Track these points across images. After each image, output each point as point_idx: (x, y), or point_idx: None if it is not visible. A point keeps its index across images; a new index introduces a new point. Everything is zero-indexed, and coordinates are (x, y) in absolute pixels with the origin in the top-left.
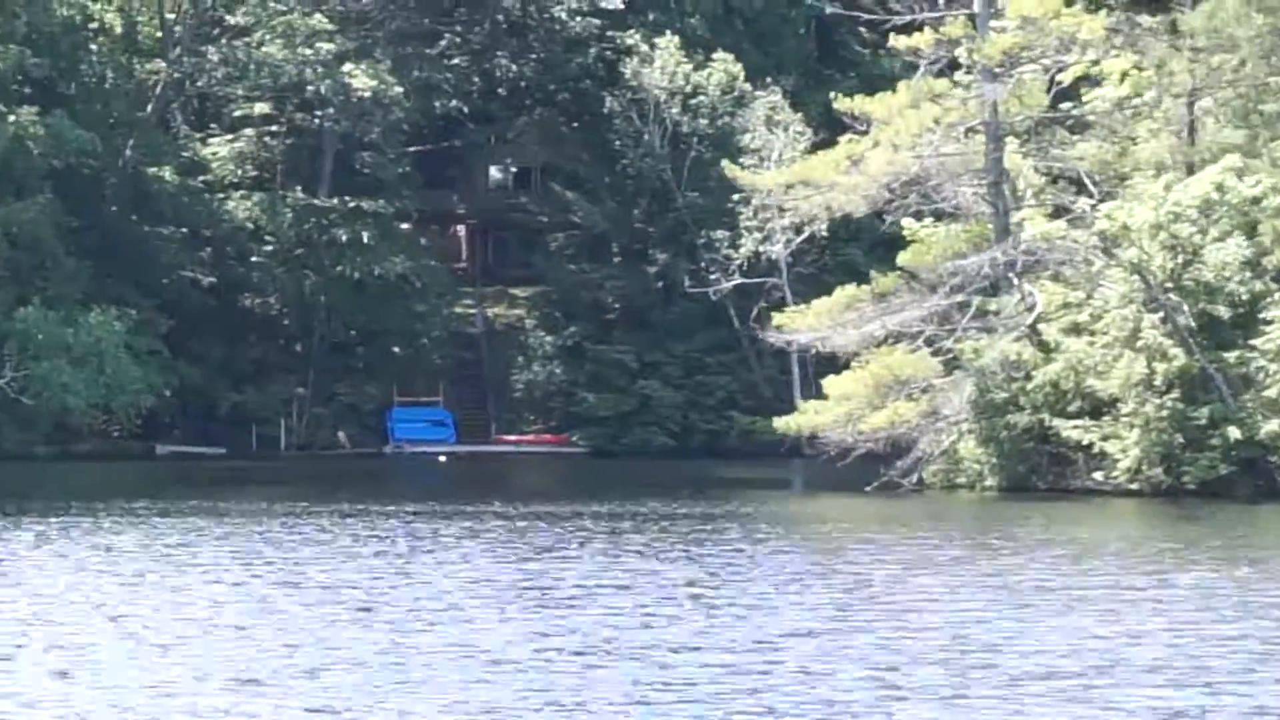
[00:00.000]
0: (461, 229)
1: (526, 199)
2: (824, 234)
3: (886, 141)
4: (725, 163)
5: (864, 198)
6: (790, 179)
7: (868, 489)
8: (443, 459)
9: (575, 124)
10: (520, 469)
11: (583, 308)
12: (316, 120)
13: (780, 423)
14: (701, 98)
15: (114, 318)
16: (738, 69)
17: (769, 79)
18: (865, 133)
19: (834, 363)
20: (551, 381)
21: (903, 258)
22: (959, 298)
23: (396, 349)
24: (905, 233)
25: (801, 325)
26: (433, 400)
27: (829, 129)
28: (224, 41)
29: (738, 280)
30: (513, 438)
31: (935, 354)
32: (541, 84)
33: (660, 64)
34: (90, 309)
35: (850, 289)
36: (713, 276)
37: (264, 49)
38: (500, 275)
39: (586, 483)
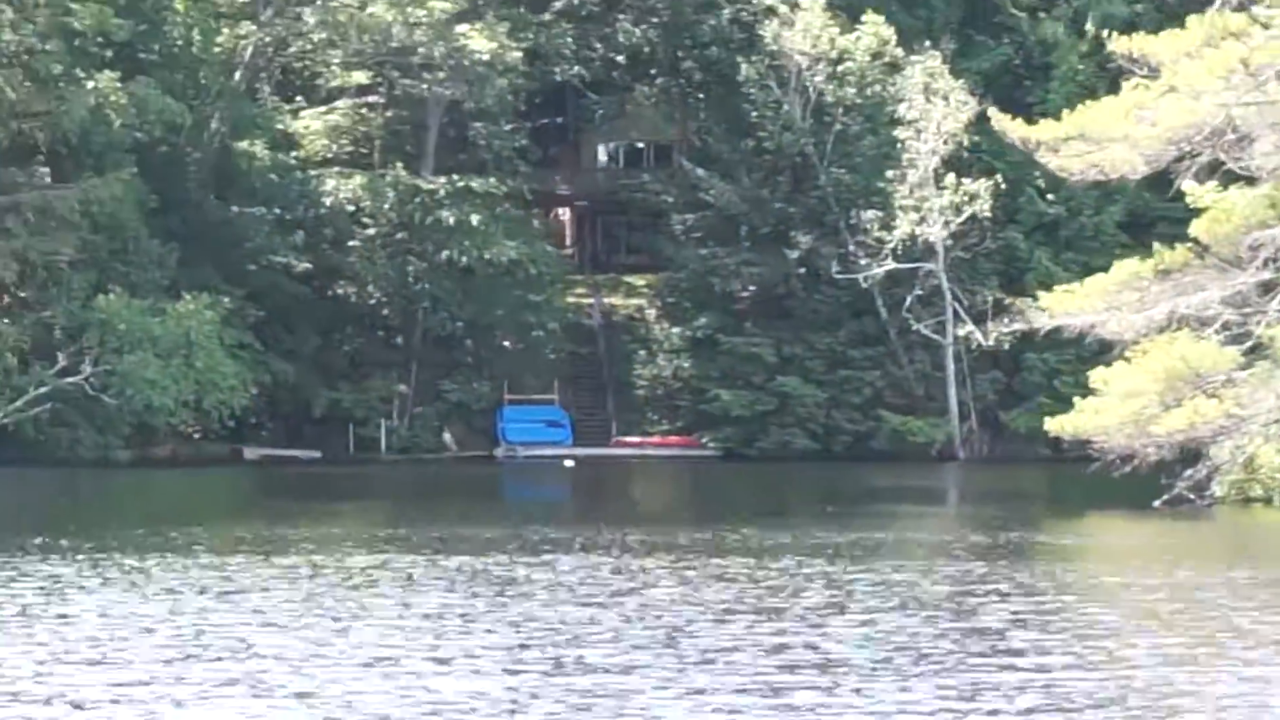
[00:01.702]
0: (565, 212)
1: (648, 177)
2: (986, 215)
3: (1186, 88)
4: (993, 111)
5: (1144, 156)
6: (1064, 133)
7: (1156, 505)
8: (569, 464)
9: (703, 94)
10: (648, 475)
11: (713, 296)
12: (423, 89)
13: (1054, 424)
14: (849, 63)
15: (205, 306)
16: (889, 33)
17: (917, 44)
18: (1152, 77)
19: (995, 358)
20: (678, 378)
21: (1196, 227)
22: (1265, 275)
23: (507, 343)
24: (1188, 199)
25: (1070, 307)
26: (547, 399)
27: (992, 98)
28: (320, 3)
29: (890, 265)
30: (635, 440)
31: (1232, 341)
32: (668, 50)
33: (803, 26)
34: (177, 296)
35: (1130, 265)
36: (862, 261)
37: (368, 10)
38: (611, 262)
39: (741, 495)
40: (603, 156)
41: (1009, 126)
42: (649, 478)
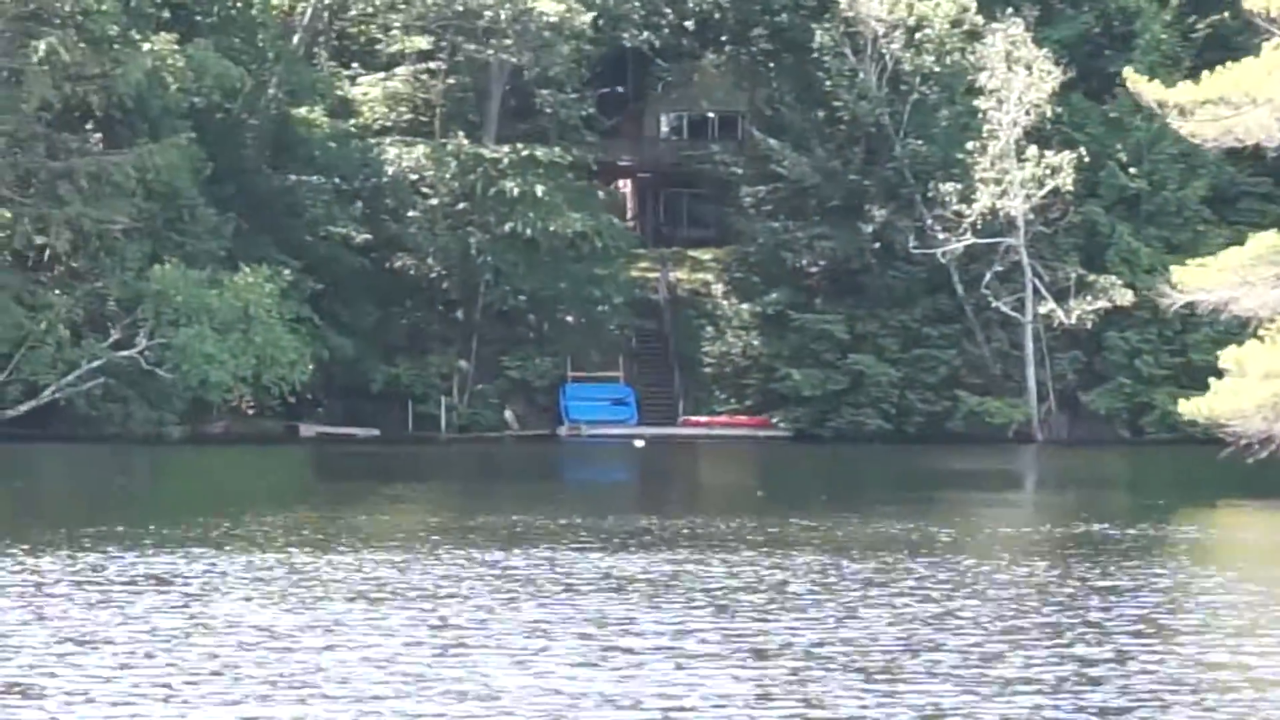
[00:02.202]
0: (626, 184)
1: (716, 148)
2: (1068, 189)
3: None
4: (1128, 70)
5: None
6: (1202, 95)
7: None
8: (640, 444)
9: (773, 63)
10: (720, 457)
11: (784, 271)
12: (488, 54)
13: (1188, 407)
14: (927, 30)
15: (264, 278)
16: None
17: (999, 11)
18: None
19: (1074, 337)
20: (747, 355)
21: None
22: None
23: (570, 318)
24: None
25: (1204, 282)
26: (612, 376)
27: (1075, 68)
28: None
29: (969, 240)
30: (703, 419)
31: None
32: (738, 16)
33: None
34: (234, 268)
35: (1267, 238)
36: (941, 235)
37: None
38: (674, 236)
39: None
40: (665, 127)
41: (1144, 89)
42: (722, 460)
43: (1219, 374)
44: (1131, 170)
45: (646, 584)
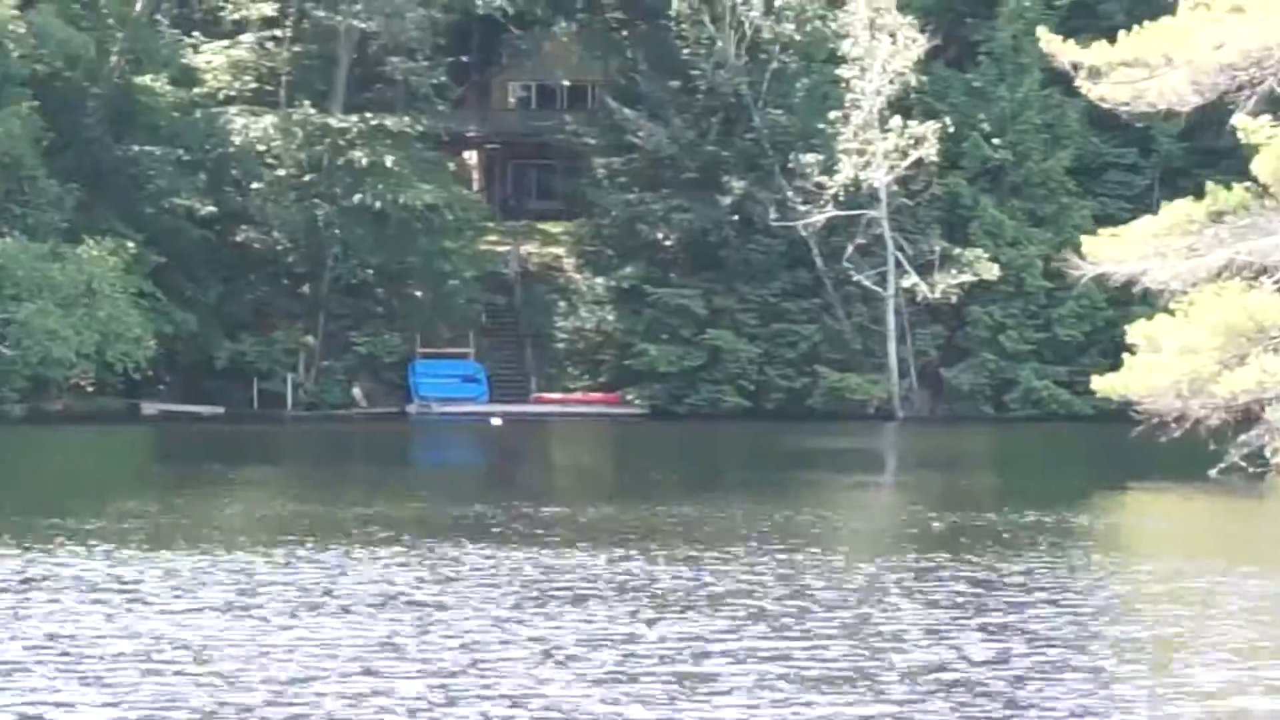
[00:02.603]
0: (472, 155)
1: (569, 118)
2: (933, 159)
3: (1255, 8)
4: (1041, 30)
5: (1196, 86)
6: (1117, 57)
7: (1212, 474)
8: (497, 422)
9: (627, 31)
10: (574, 437)
11: (640, 244)
12: (336, 20)
13: (1102, 384)
14: None
15: (108, 251)
16: None
17: None
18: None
19: (936, 312)
20: (601, 331)
21: (1260, 165)
22: None
23: (419, 293)
24: (1241, 134)
25: (1114, 254)
26: (462, 352)
27: (938, 36)
28: None
29: (831, 212)
30: (556, 396)
31: None
32: None
33: None
34: (78, 240)
35: (1182, 207)
36: (802, 208)
37: None
38: (521, 208)
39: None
40: (513, 97)
41: (1058, 49)
42: (576, 439)
43: (1083, 350)
44: (995, 141)
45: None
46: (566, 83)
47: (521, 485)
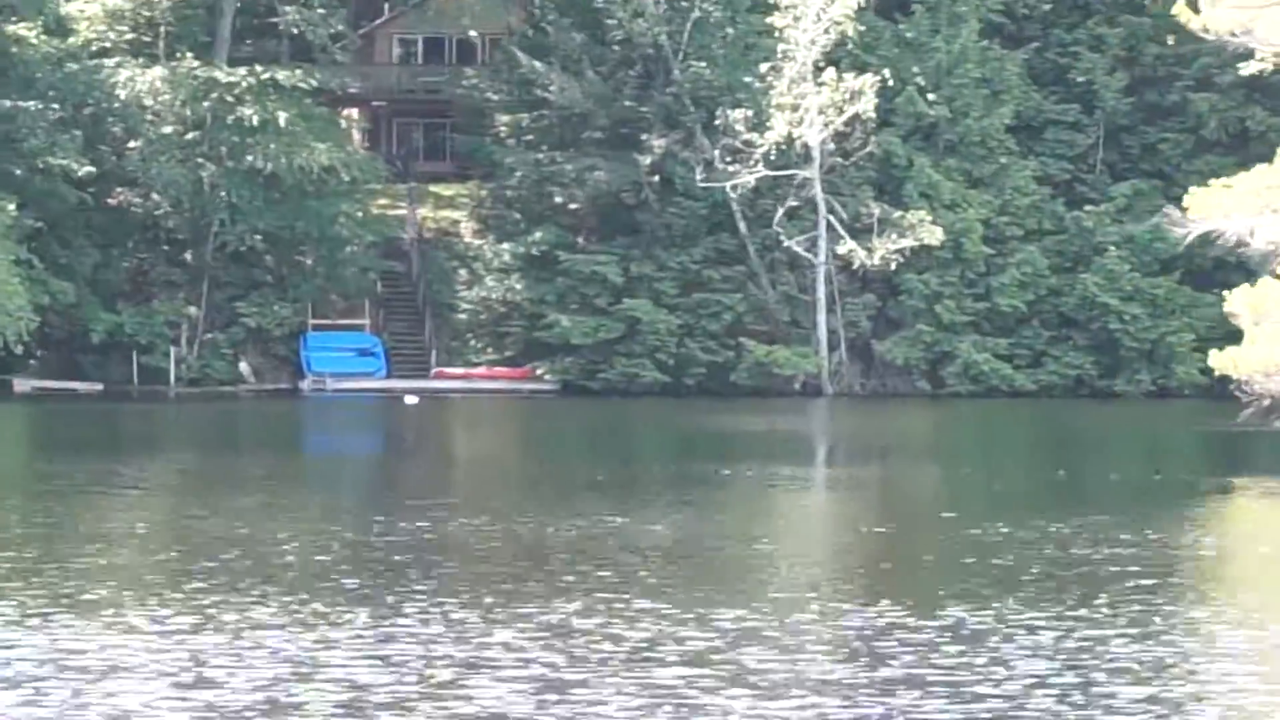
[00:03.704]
0: (352, 113)
1: (470, 71)
2: (871, 115)
3: None
4: None
5: None
6: None
7: None
8: (412, 400)
9: None
10: (481, 414)
11: (548, 208)
12: None
13: (1219, 360)
14: None
15: None
16: None
17: None
18: None
19: (867, 281)
20: (508, 301)
21: None
22: None
23: (309, 260)
24: None
25: (1222, 207)
26: (357, 324)
27: None
28: None
29: (762, 172)
30: (459, 371)
31: None
32: None
33: None
34: None
35: None
36: (731, 168)
37: None
38: (408, 171)
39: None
40: (395, 50)
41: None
42: (483, 420)
43: (1025, 320)
44: (930, 97)
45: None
46: (450, 36)
47: (417, 477)
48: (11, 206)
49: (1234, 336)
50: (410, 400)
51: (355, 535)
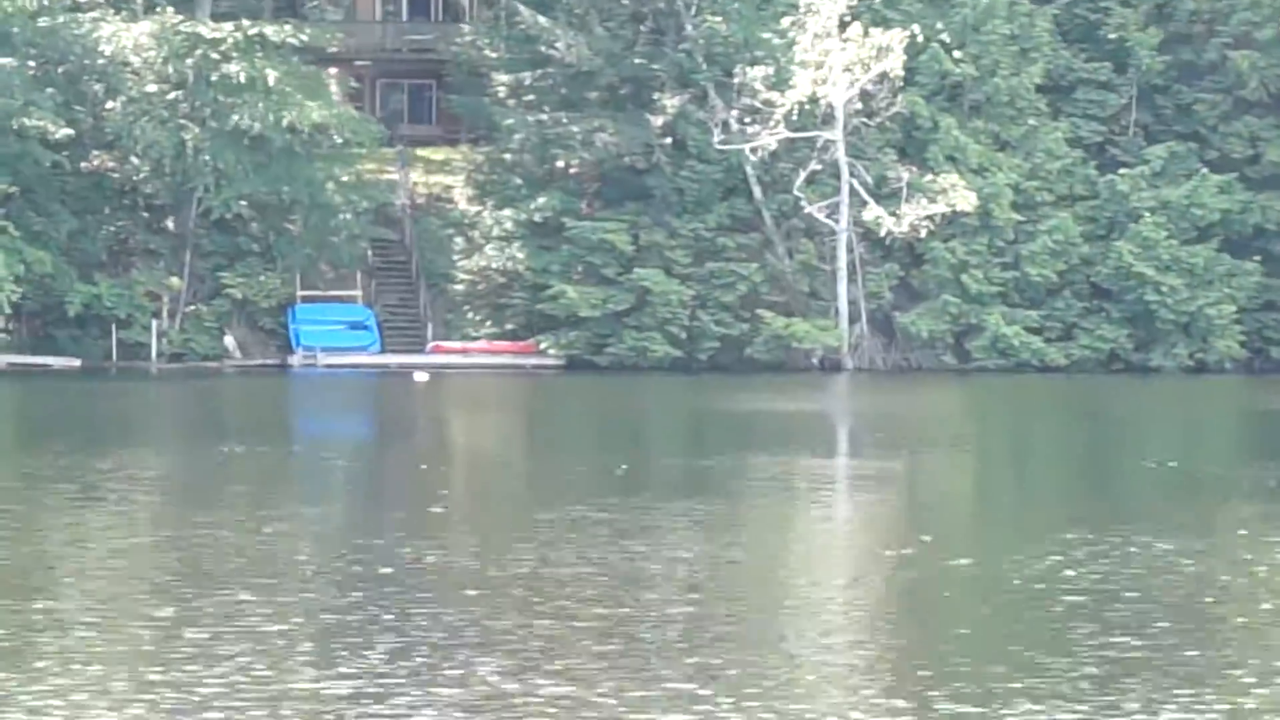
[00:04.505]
0: (332, 72)
1: (467, 28)
2: (899, 73)
3: None
4: None
5: None
6: None
7: None
8: (422, 377)
9: None
10: (485, 395)
11: (552, 172)
12: None
13: None
14: None
15: None
16: None
17: None
18: None
19: (888, 249)
20: (509, 271)
21: None
22: None
23: (292, 226)
24: None
25: None
26: (348, 295)
27: None
28: None
29: (783, 134)
30: (457, 345)
31: None
32: None
33: None
34: None
35: None
36: (750, 129)
37: None
38: (395, 134)
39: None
40: (380, 6)
41: None
42: (485, 397)
43: (1055, 291)
44: (956, 54)
45: None
46: None
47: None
48: None
49: (1275, 307)
50: (420, 377)
51: (333, 559)
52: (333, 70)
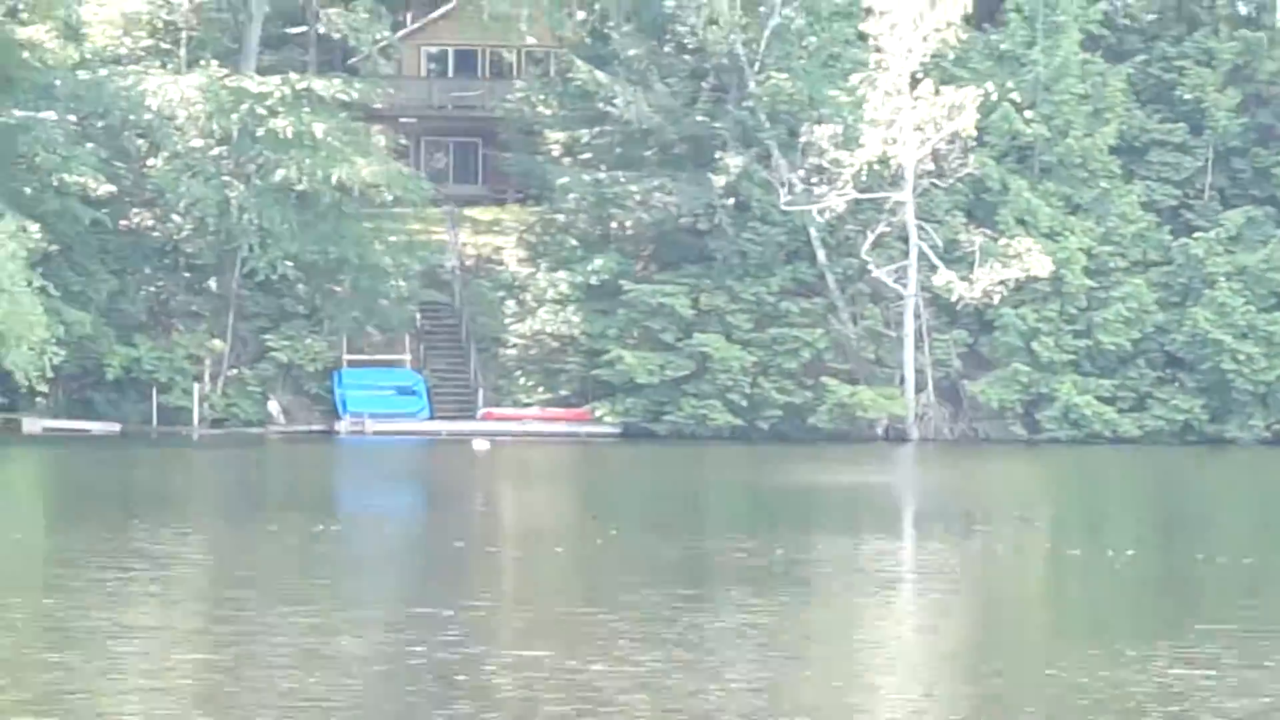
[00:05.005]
0: (376, 128)
1: (520, 83)
2: (971, 133)
3: None
4: None
5: None
6: None
7: None
8: (482, 446)
9: None
10: (544, 463)
11: (606, 233)
12: None
13: None
14: None
15: (9, 235)
16: None
17: None
18: None
19: (955, 315)
20: (563, 335)
21: None
22: None
23: (338, 289)
24: None
25: None
26: (396, 359)
27: None
28: None
29: (852, 195)
30: (510, 413)
31: None
32: None
33: None
34: None
35: None
36: (816, 190)
37: None
38: (442, 193)
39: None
40: (426, 63)
41: None
42: (541, 468)
43: (1128, 360)
44: (1027, 114)
45: None
46: (488, 47)
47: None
48: (35, 229)
49: None
50: (481, 446)
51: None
52: (377, 127)
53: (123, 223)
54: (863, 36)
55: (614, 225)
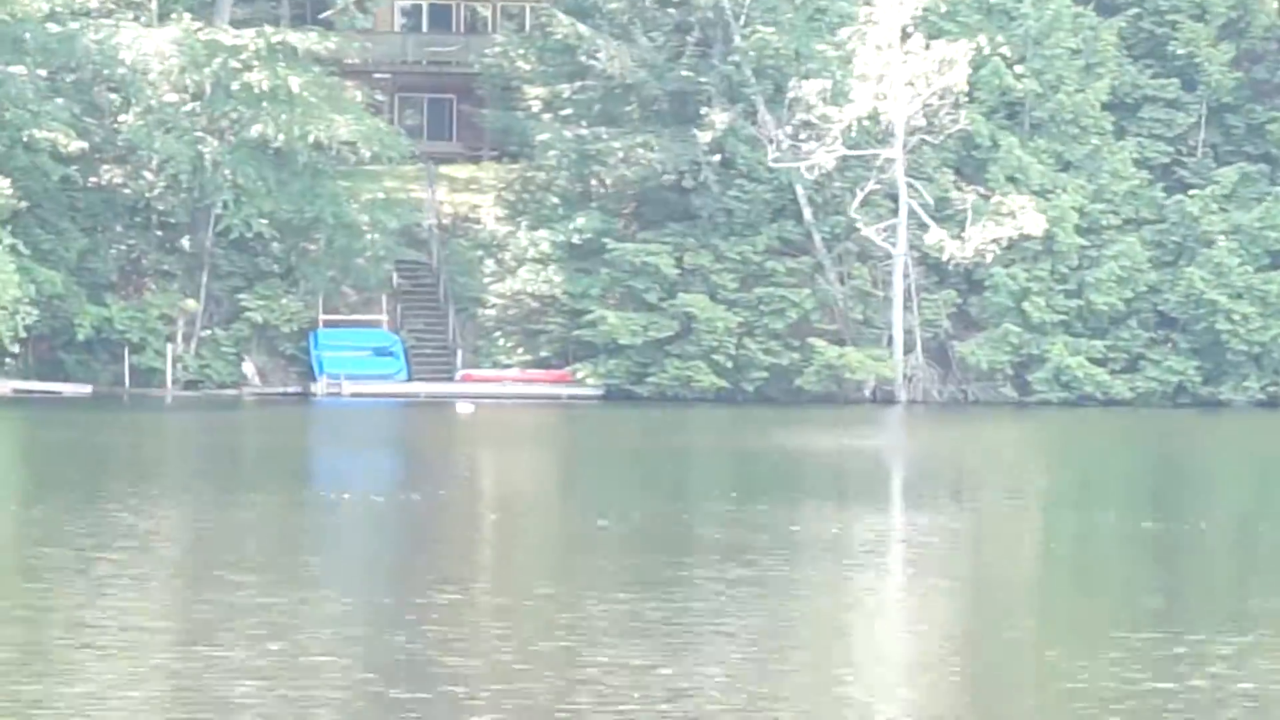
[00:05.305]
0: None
1: (500, 38)
2: (962, 89)
3: None
4: None
5: None
6: None
7: None
8: (466, 409)
9: None
10: (525, 426)
11: (592, 192)
12: None
13: None
14: None
15: None
16: None
17: None
18: None
19: (947, 275)
20: (544, 295)
21: None
22: None
23: (313, 247)
24: None
25: None
26: (373, 320)
27: None
28: None
29: (842, 152)
30: (489, 374)
31: None
32: None
33: None
34: None
35: None
36: (804, 146)
37: None
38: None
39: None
40: (399, 17)
41: None
42: (523, 432)
43: (1121, 320)
44: (1017, 69)
45: None
46: (463, 2)
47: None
48: (5, 184)
49: None
50: (465, 409)
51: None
52: (351, 83)
53: (93, 179)
54: None
55: (596, 183)
